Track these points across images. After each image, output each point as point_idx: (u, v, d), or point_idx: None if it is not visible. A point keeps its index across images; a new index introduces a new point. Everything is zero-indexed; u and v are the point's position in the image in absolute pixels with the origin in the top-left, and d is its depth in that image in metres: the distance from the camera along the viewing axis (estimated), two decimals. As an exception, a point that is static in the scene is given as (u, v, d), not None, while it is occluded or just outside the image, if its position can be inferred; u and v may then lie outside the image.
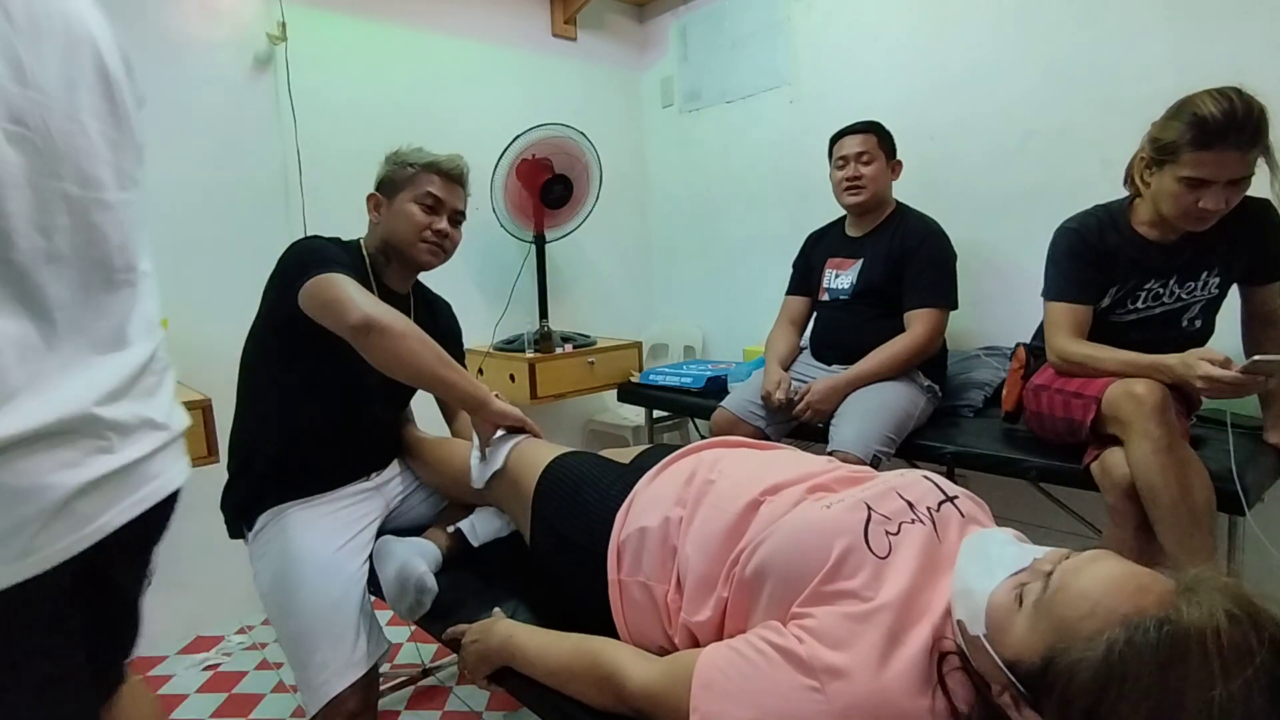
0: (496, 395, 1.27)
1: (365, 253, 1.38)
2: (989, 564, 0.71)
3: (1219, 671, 0.52)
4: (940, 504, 0.84)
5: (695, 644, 0.85)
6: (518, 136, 2.41)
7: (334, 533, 1.25)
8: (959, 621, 0.69)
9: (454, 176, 1.39)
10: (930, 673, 0.68)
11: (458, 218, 1.42)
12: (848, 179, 1.91)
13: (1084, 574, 0.63)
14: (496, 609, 1.07)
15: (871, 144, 1.89)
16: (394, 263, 1.39)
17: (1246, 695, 0.51)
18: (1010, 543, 0.74)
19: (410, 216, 1.35)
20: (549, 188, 2.49)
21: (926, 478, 0.88)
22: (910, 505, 0.82)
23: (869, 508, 0.80)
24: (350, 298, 1.12)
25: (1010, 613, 0.65)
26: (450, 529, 1.31)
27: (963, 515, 0.83)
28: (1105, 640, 0.56)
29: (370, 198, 1.41)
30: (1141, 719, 0.53)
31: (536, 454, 1.20)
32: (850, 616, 0.70)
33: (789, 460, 1.01)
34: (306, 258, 1.21)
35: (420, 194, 1.36)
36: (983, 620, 0.66)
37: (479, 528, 1.30)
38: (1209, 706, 0.51)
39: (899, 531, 0.78)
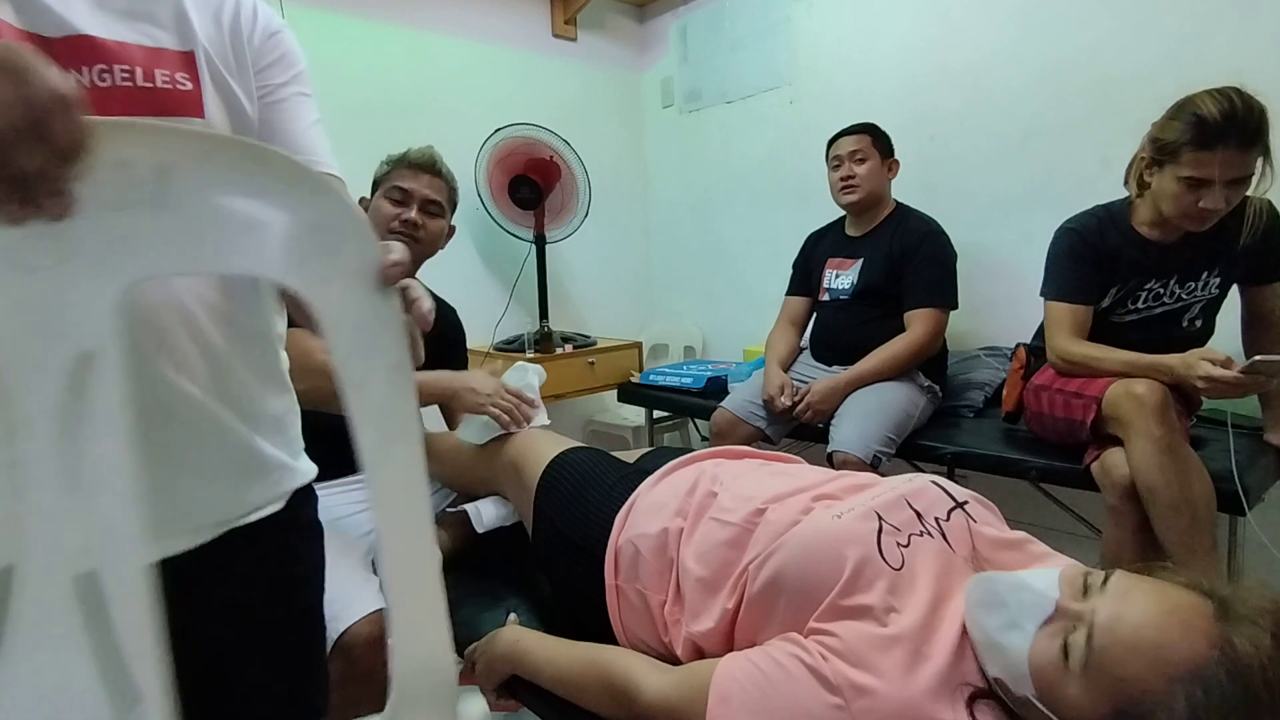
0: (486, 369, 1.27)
1: None
2: (1009, 614, 0.67)
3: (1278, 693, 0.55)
4: (950, 511, 0.82)
5: (700, 655, 0.84)
6: (491, 134, 2.42)
7: (334, 509, 1.26)
8: (997, 679, 0.67)
9: (421, 165, 1.38)
10: (953, 685, 0.67)
11: (432, 207, 1.40)
12: (842, 178, 1.92)
13: (1125, 624, 0.61)
14: (512, 615, 1.05)
15: (865, 144, 1.89)
16: None
17: None
18: (1023, 586, 0.69)
19: (379, 211, 1.37)
20: (515, 187, 2.50)
21: (935, 483, 0.87)
22: (919, 515, 0.80)
23: (879, 517, 0.79)
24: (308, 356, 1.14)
25: (1058, 672, 0.62)
26: (454, 510, 1.31)
27: (974, 521, 0.82)
28: (1183, 698, 0.56)
29: (360, 201, 1.42)
30: None
31: (543, 447, 1.19)
32: (874, 637, 0.69)
33: (792, 471, 1.00)
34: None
35: (389, 188, 1.37)
36: (1029, 682, 0.64)
37: (484, 513, 1.30)
38: None
39: (909, 544, 0.76)
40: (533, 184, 2.50)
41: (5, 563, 0.47)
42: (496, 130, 2.45)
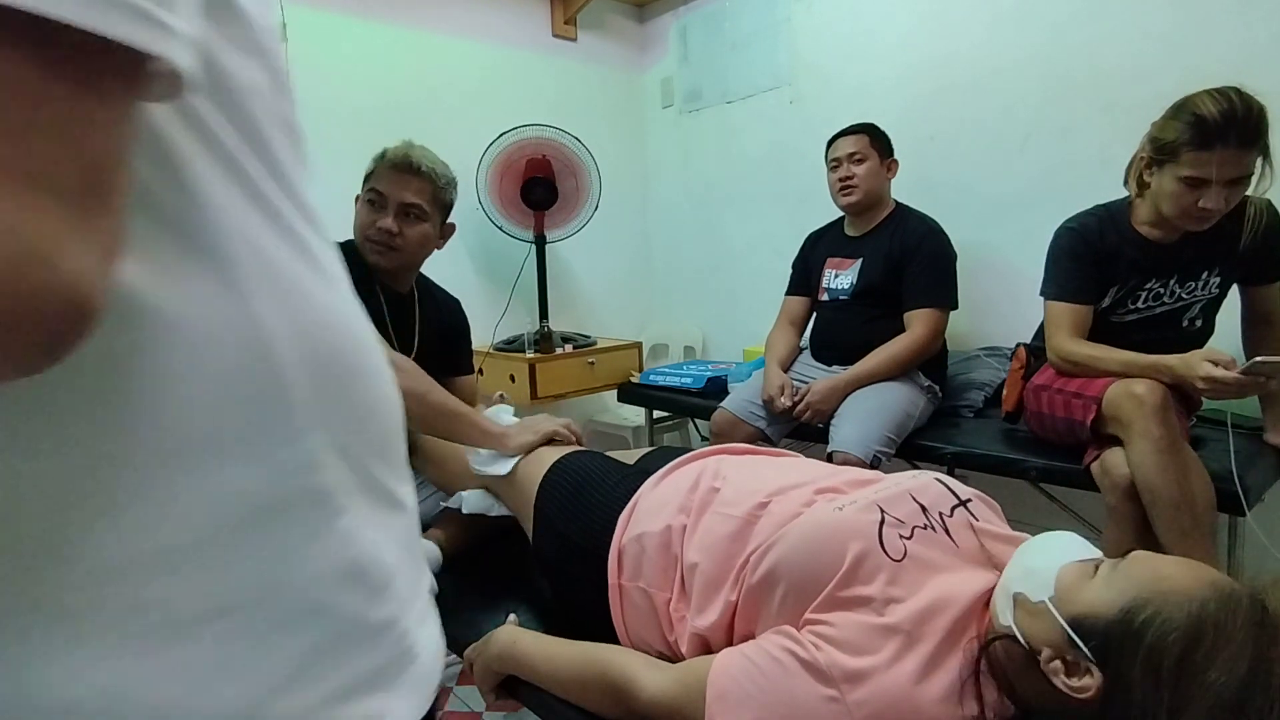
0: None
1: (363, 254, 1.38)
2: (1059, 552, 0.72)
3: None
4: (953, 508, 0.83)
5: (705, 649, 0.84)
6: (499, 137, 2.42)
7: None
8: (1019, 595, 0.69)
9: (399, 165, 1.29)
10: (951, 676, 0.67)
11: (410, 210, 1.30)
12: (841, 179, 1.92)
13: (1159, 558, 0.66)
14: (512, 615, 1.04)
15: (864, 144, 1.89)
16: None
17: None
18: (1076, 540, 0.75)
19: (357, 216, 1.31)
20: (529, 189, 2.49)
21: (939, 480, 0.87)
22: (923, 509, 0.81)
23: (882, 510, 0.79)
24: None
25: (1083, 578, 0.67)
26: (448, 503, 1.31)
27: (976, 519, 0.82)
28: (1199, 598, 0.58)
29: (356, 200, 1.40)
30: (1234, 680, 0.55)
31: (543, 453, 1.20)
32: (870, 627, 0.69)
33: (795, 465, 1.00)
34: None
35: (367, 190, 1.29)
36: (1051, 585, 0.67)
37: (469, 500, 1.30)
38: None
39: (912, 535, 0.77)
40: (547, 185, 2.50)
41: None
42: (503, 134, 2.44)
